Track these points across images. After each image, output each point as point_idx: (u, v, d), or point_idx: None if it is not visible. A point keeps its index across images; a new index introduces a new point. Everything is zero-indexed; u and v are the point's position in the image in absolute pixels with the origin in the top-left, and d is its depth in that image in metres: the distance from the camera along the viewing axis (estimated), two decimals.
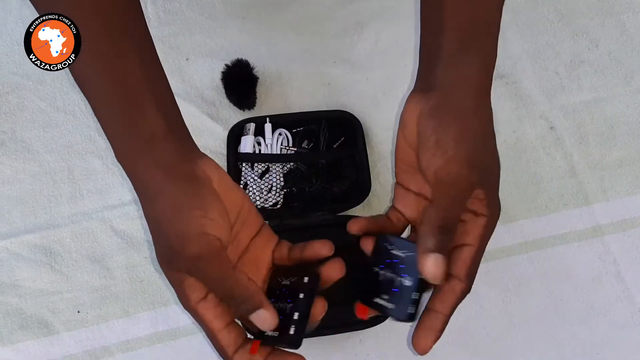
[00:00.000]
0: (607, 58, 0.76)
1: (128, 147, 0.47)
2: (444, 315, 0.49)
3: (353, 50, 0.76)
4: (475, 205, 0.49)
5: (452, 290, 0.48)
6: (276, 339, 0.49)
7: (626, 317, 0.67)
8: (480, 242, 0.49)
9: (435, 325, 0.48)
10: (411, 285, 0.49)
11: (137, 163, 0.47)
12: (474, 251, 0.48)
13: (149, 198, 0.47)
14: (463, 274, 0.48)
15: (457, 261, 0.49)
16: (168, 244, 0.46)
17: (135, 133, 0.47)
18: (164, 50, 0.76)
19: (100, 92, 0.47)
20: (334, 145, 0.71)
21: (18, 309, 0.67)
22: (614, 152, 0.73)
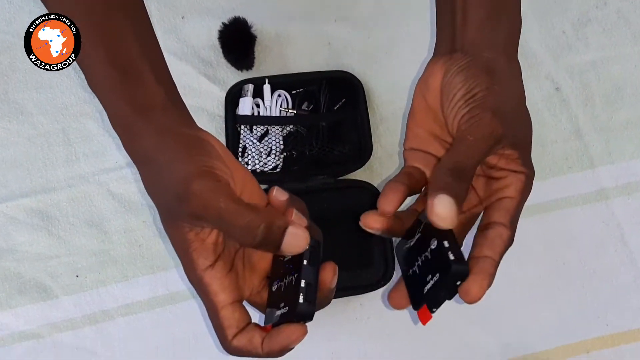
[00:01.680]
0: (616, 16, 0.74)
1: (128, 117, 0.45)
2: (493, 259, 0.46)
3: (354, 8, 0.74)
4: (512, 165, 0.48)
5: (499, 236, 0.46)
6: (286, 315, 0.44)
7: (629, 281, 0.67)
8: (521, 195, 0.47)
9: (486, 269, 0.45)
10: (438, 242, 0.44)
11: (138, 132, 0.45)
12: (515, 203, 0.47)
13: (150, 161, 0.45)
14: (506, 221, 0.46)
15: (499, 210, 0.47)
16: (172, 193, 0.43)
17: (135, 103, 0.45)
18: (159, 8, 0.73)
19: (97, 63, 0.45)
20: (334, 107, 0.70)
21: (16, 274, 0.67)
22: (621, 114, 0.71)
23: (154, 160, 0.45)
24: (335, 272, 0.47)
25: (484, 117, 0.45)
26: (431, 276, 0.44)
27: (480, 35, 0.48)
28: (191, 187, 0.42)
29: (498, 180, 0.48)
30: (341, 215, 0.66)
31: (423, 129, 0.50)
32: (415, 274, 0.47)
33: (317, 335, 0.66)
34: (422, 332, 0.66)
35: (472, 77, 0.46)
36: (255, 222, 0.42)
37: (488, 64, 0.47)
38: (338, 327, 0.66)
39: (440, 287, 0.44)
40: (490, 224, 0.47)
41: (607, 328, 0.66)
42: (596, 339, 0.66)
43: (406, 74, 0.71)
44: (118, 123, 0.47)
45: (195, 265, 0.45)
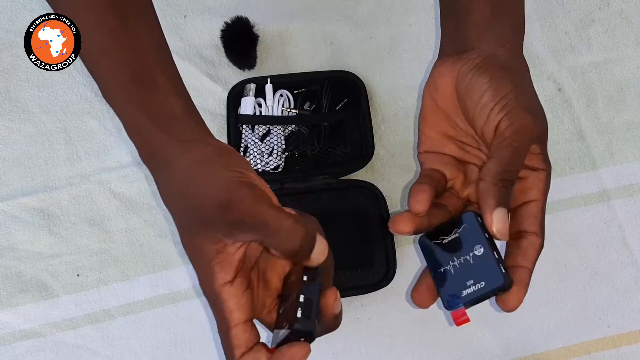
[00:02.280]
0: (619, 17, 0.74)
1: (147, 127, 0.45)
2: (528, 269, 0.47)
3: (356, 8, 0.74)
4: (533, 162, 0.48)
5: (532, 245, 0.47)
6: (288, 335, 0.44)
7: (630, 282, 0.67)
8: (544, 196, 0.48)
9: (523, 279, 0.47)
10: (485, 250, 0.46)
11: (158, 142, 0.45)
12: (540, 206, 0.47)
13: (172, 170, 0.44)
14: (537, 229, 0.47)
15: (528, 217, 0.47)
16: (211, 201, 0.42)
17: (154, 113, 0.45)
18: (161, 7, 0.73)
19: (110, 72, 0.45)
20: (336, 107, 0.70)
21: (17, 272, 0.67)
22: (623, 115, 0.71)
23: (179, 170, 0.44)
24: (337, 297, 0.46)
25: (525, 120, 0.45)
26: (473, 282, 0.45)
27: (488, 33, 0.49)
28: (235, 195, 0.42)
29: (522, 181, 0.48)
30: (343, 215, 0.66)
31: (435, 131, 0.51)
32: (448, 273, 0.47)
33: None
34: (423, 332, 0.66)
35: (497, 77, 0.46)
36: (298, 229, 0.42)
37: (505, 62, 0.47)
38: (339, 328, 0.66)
39: (484, 294, 0.45)
40: (521, 233, 0.48)
41: (608, 329, 0.66)
42: (597, 340, 0.66)
43: (408, 74, 0.71)
44: (135, 133, 0.46)
45: (215, 279, 0.43)
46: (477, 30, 0.49)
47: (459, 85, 0.48)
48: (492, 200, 0.44)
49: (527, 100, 0.46)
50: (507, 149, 0.45)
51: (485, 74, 0.47)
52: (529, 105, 0.46)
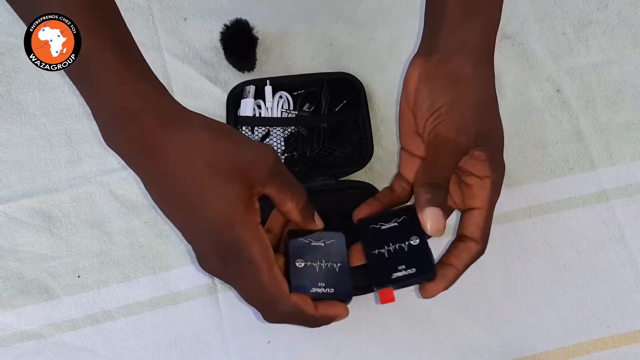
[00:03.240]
0: (617, 18, 0.74)
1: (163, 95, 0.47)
2: (457, 269, 0.51)
3: (356, 10, 0.74)
4: (478, 168, 0.51)
5: (467, 250, 0.51)
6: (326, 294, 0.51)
7: (629, 282, 0.67)
8: (489, 204, 0.51)
9: (447, 276, 0.51)
10: (421, 242, 0.51)
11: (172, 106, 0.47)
12: (484, 214, 0.51)
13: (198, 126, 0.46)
14: (477, 236, 0.51)
15: (470, 224, 0.51)
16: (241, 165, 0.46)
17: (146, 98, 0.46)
18: (161, 10, 0.74)
19: None
20: (335, 108, 0.70)
21: (18, 274, 0.67)
22: (621, 116, 0.71)
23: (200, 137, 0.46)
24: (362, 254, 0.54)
25: (450, 137, 0.49)
26: (405, 267, 0.51)
27: (452, 37, 0.50)
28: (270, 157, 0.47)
29: (469, 188, 0.52)
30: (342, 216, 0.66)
31: (406, 127, 0.54)
32: (382, 256, 0.52)
33: (318, 336, 0.66)
34: (423, 332, 0.66)
35: (437, 88, 0.50)
36: None
37: (455, 71, 0.50)
38: (338, 328, 0.66)
39: (411, 280, 0.51)
40: (462, 237, 0.52)
41: (607, 329, 0.66)
42: (597, 341, 0.66)
43: None
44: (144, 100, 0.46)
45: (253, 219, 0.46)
46: (445, 32, 0.50)
47: (416, 89, 0.51)
48: (422, 201, 0.49)
49: (460, 114, 0.49)
50: (431, 159, 0.50)
51: (430, 83, 0.50)
52: (460, 120, 0.49)
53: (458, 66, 0.50)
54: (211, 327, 0.66)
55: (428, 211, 0.48)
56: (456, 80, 0.50)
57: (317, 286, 0.51)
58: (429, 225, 0.48)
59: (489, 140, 0.51)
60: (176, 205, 0.46)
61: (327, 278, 0.51)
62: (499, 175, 0.52)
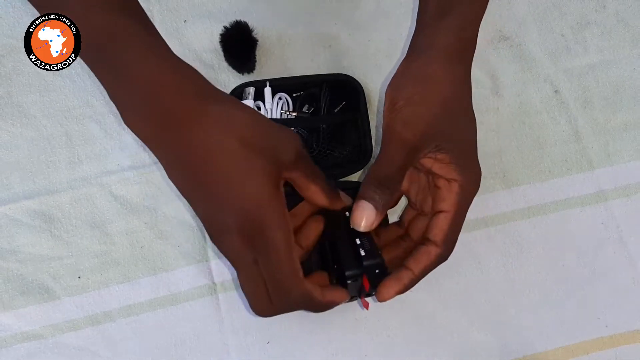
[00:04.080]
0: (615, 19, 0.74)
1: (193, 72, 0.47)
2: (413, 273, 0.50)
3: (355, 12, 0.75)
4: (445, 170, 0.49)
5: (426, 253, 0.50)
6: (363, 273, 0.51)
7: (628, 282, 0.67)
8: (456, 208, 0.50)
9: (402, 279, 0.51)
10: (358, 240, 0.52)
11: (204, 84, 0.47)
12: (450, 217, 0.49)
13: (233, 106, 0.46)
14: (439, 239, 0.50)
15: (433, 227, 0.50)
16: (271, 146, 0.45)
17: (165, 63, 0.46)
18: (161, 12, 0.74)
19: None
20: (334, 109, 0.70)
21: (18, 275, 0.67)
22: (619, 117, 0.72)
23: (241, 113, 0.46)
24: None
25: (395, 130, 0.48)
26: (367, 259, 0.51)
27: (422, 36, 0.50)
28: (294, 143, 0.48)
29: (437, 190, 0.50)
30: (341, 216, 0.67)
31: None
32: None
33: (318, 336, 0.66)
34: (422, 333, 0.66)
35: (401, 85, 0.49)
36: None
37: (420, 68, 0.49)
38: (338, 328, 0.66)
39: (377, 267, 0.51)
40: (425, 239, 0.51)
41: (606, 329, 0.66)
42: (596, 340, 0.66)
43: None
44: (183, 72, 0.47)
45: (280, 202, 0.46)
46: (417, 31, 0.50)
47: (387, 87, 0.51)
48: (359, 194, 0.50)
49: (414, 108, 0.48)
50: (380, 155, 0.49)
51: (396, 81, 0.49)
52: (411, 114, 0.48)
53: (424, 64, 0.49)
54: (211, 328, 0.66)
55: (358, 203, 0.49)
56: (419, 77, 0.49)
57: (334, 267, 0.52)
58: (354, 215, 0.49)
59: (453, 142, 0.49)
60: (202, 182, 0.45)
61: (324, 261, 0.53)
62: (469, 178, 0.50)
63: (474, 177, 0.50)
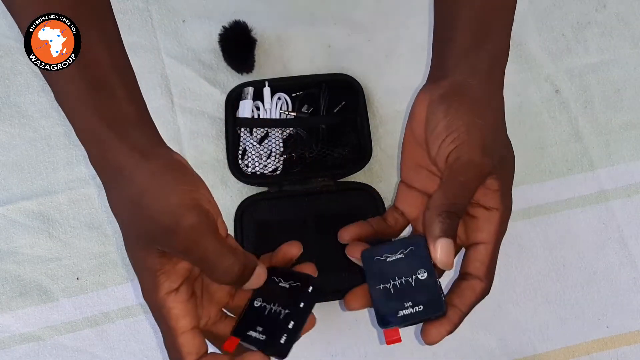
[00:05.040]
0: (615, 19, 0.74)
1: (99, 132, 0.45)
2: (461, 311, 0.47)
3: (354, 11, 0.74)
4: (488, 199, 0.47)
5: (471, 289, 0.47)
6: (262, 342, 0.46)
7: (629, 283, 0.67)
8: (496, 238, 0.47)
9: (451, 318, 0.47)
10: (429, 275, 0.46)
11: (111, 148, 0.45)
12: (490, 249, 0.47)
13: (124, 179, 0.45)
14: (482, 274, 0.47)
15: (474, 260, 0.47)
16: (153, 221, 0.43)
17: (107, 117, 0.45)
18: (159, 12, 0.74)
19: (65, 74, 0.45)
20: (334, 109, 0.70)
21: (16, 276, 0.67)
22: (620, 117, 0.71)
23: (130, 179, 0.44)
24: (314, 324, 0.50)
25: (474, 156, 0.45)
26: (412, 304, 0.46)
27: (464, 63, 0.48)
28: (181, 223, 0.43)
29: (474, 220, 0.48)
30: (341, 217, 0.66)
31: (411, 161, 0.51)
32: (388, 291, 0.47)
33: (317, 338, 0.65)
34: None
35: (454, 108, 0.46)
36: (235, 266, 0.44)
37: (471, 92, 0.47)
38: (337, 330, 0.66)
39: (419, 317, 0.46)
40: (466, 275, 0.48)
41: (607, 330, 0.66)
42: (597, 341, 0.66)
43: (406, 77, 0.71)
44: (87, 138, 0.46)
45: (159, 288, 0.44)
46: (455, 59, 0.48)
47: (427, 113, 0.48)
48: (436, 230, 0.44)
49: (482, 134, 0.46)
50: (452, 182, 0.45)
51: (444, 104, 0.47)
52: (482, 140, 0.45)
53: (472, 88, 0.47)
54: None
55: (441, 242, 0.44)
56: (472, 101, 0.47)
57: (254, 329, 0.47)
58: (440, 257, 0.44)
59: (505, 168, 0.47)
60: None
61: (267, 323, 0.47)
62: (507, 207, 0.47)
63: (510, 206, 0.48)
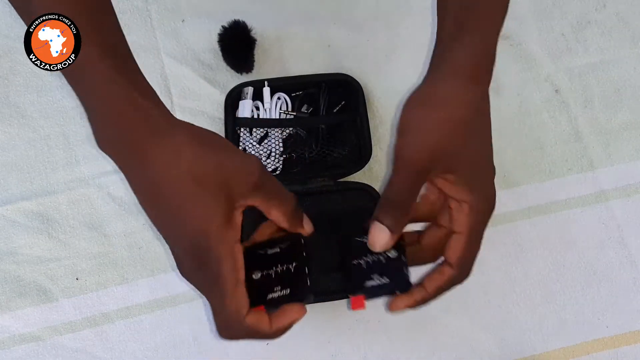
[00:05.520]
0: (615, 19, 0.74)
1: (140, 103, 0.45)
2: (427, 292, 0.50)
3: (354, 11, 0.74)
4: (454, 192, 0.49)
5: (440, 273, 0.50)
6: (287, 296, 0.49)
7: (629, 282, 0.67)
8: (468, 229, 0.49)
9: (415, 296, 0.51)
10: (398, 255, 0.51)
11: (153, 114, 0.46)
12: (462, 239, 0.49)
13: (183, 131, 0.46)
14: (453, 261, 0.49)
15: (448, 248, 0.50)
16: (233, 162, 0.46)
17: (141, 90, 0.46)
18: (159, 12, 0.74)
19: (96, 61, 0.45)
20: (334, 109, 0.70)
21: (16, 276, 0.67)
22: (620, 116, 0.71)
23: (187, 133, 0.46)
24: None
25: (404, 153, 0.47)
26: (379, 276, 0.51)
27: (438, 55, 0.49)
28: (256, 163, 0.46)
29: (450, 211, 0.50)
30: (341, 217, 0.66)
31: None
32: (360, 266, 0.52)
33: (317, 338, 0.66)
34: (422, 334, 0.66)
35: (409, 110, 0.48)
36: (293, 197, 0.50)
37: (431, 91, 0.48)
38: (338, 330, 0.66)
39: (383, 290, 0.51)
40: (443, 261, 0.51)
41: (607, 330, 0.66)
42: (596, 341, 0.66)
43: (405, 76, 0.71)
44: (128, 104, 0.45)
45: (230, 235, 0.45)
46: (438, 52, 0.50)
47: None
48: (375, 214, 0.49)
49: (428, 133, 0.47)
50: (391, 178, 0.49)
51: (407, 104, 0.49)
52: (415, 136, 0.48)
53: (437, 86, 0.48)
54: (210, 330, 0.66)
55: (374, 225, 0.49)
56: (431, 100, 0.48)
57: (273, 291, 0.50)
58: (370, 236, 0.49)
59: (462, 163, 0.48)
60: (159, 212, 0.46)
61: (283, 280, 0.51)
62: (481, 199, 0.49)
63: (485, 198, 0.49)
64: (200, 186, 0.45)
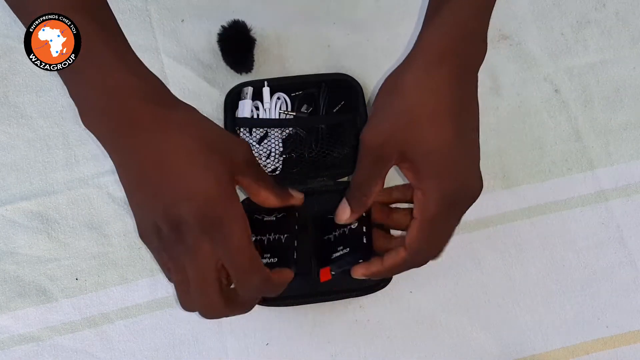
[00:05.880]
0: (615, 18, 0.74)
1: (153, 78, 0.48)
2: (382, 266, 0.53)
3: (354, 11, 0.74)
4: (411, 178, 0.50)
5: (396, 253, 0.53)
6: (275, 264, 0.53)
7: (628, 282, 0.67)
8: (421, 216, 0.49)
9: (372, 267, 0.54)
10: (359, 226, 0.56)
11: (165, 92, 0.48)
12: (416, 225, 0.50)
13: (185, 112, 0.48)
14: (407, 244, 0.51)
15: (408, 232, 0.52)
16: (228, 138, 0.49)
17: None
18: (158, 12, 0.74)
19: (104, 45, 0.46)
20: (333, 109, 0.70)
21: (16, 277, 0.67)
22: (620, 116, 0.71)
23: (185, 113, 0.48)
24: None
25: (363, 139, 0.50)
26: (342, 248, 0.56)
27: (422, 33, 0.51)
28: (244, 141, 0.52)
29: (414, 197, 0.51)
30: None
31: None
32: (329, 240, 0.58)
33: (317, 338, 0.66)
34: (422, 334, 0.66)
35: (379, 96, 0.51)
36: None
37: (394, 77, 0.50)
38: (338, 330, 0.66)
39: (346, 259, 0.55)
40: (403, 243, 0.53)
41: (607, 329, 0.66)
42: (596, 341, 0.66)
43: None
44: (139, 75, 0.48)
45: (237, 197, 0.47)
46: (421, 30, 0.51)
47: None
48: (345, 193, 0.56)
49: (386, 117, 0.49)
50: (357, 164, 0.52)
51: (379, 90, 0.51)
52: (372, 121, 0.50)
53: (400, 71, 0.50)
54: (210, 330, 0.66)
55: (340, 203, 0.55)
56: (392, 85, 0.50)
57: (262, 257, 0.53)
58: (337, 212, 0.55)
59: (418, 150, 0.48)
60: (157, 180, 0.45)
61: (273, 249, 0.54)
62: (435, 187, 0.48)
63: (452, 188, 0.48)
64: (210, 151, 0.46)
